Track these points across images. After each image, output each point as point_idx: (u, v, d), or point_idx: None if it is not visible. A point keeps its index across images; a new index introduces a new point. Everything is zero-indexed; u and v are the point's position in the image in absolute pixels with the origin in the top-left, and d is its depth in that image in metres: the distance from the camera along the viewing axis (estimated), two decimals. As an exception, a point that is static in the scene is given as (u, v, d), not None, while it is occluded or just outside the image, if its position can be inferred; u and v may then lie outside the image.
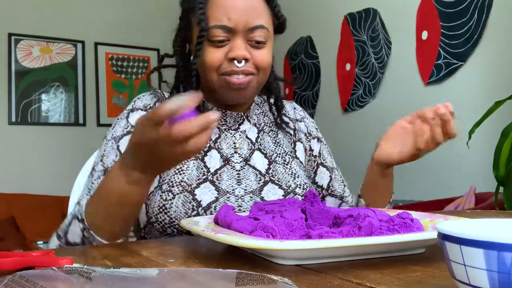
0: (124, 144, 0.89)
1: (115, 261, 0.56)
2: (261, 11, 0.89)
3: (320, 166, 1.06)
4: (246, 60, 0.88)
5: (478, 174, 2.29)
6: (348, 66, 3.19)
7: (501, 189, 1.75)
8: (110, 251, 0.63)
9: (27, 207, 3.47)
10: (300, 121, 1.09)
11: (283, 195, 0.92)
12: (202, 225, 0.64)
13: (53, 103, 3.93)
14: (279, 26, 0.96)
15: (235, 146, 0.96)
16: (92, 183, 0.87)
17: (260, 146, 0.98)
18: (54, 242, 0.80)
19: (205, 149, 0.93)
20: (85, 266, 0.40)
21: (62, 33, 3.95)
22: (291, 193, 0.93)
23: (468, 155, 2.25)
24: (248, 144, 0.97)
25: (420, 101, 2.65)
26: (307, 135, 1.08)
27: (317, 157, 1.06)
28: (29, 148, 3.78)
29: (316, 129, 1.12)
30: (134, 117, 0.94)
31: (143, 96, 0.99)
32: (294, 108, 1.11)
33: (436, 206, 2.23)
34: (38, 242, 3.04)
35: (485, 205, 1.95)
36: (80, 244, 0.76)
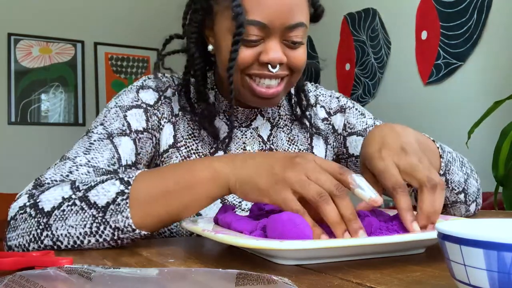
0: (132, 116, 0.82)
1: (115, 261, 0.56)
2: (300, 4, 0.77)
3: (348, 138, 0.96)
4: (281, 63, 0.77)
5: (477, 174, 2.29)
6: (347, 66, 3.19)
7: (501, 189, 1.75)
8: (110, 251, 0.63)
9: (26, 207, 3.47)
10: (315, 106, 0.98)
11: None
12: (202, 225, 0.64)
13: (52, 103, 3.92)
14: (316, 16, 0.85)
15: (244, 147, 0.88)
16: (91, 143, 0.76)
17: (272, 145, 0.90)
18: (59, 191, 0.65)
19: (211, 150, 0.86)
20: (85, 266, 0.40)
21: (62, 33, 3.95)
22: None
23: (467, 155, 2.25)
24: (259, 144, 0.90)
25: (419, 101, 2.65)
26: (327, 116, 0.98)
27: (342, 131, 0.97)
28: (29, 148, 3.78)
29: (337, 98, 1.00)
30: (145, 95, 0.86)
31: (153, 77, 0.89)
32: (308, 91, 1.00)
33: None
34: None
35: (484, 205, 1.95)
36: (97, 208, 0.62)
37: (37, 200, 0.65)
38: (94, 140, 0.77)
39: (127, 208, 0.62)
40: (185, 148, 0.85)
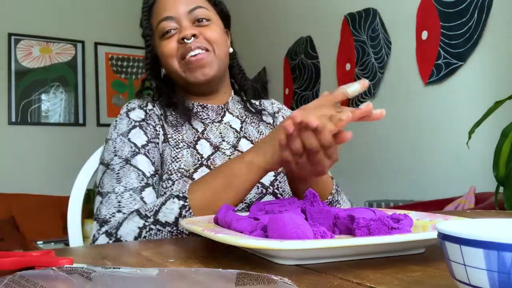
0: (134, 136, 0.94)
1: (115, 261, 0.56)
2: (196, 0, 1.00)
3: None
4: (195, 35, 0.96)
5: (478, 174, 2.29)
6: (348, 66, 3.19)
7: (501, 189, 1.75)
8: (110, 251, 0.63)
9: (27, 207, 3.47)
10: (278, 113, 1.14)
11: (274, 175, 0.97)
12: (202, 225, 0.64)
13: (53, 103, 3.93)
14: (221, 13, 1.05)
15: (221, 136, 1.01)
16: (118, 173, 0.88)
17: (245, 134, 1.04)
18: (132, 224, 0.78)
19: (195, 139, 0.98)
20: (85, 266, 0.40)
21: (62, 33, 3.95)
22: (281, 173, 0.97)
23: (468, 155, 2.25)
24: (234, 133, 1.03)
25: (420, 101, 2.65)
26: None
27: None
28: (29, 148, 3.78)
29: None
30: (134, 114, 0.98)
31: (132, 100, 1.04)
32: (272, 103, 1.17)
33: (436, 206, 2.23)
34: (38, 242, 3.04)
35: (485, 205, 1.95)
36: (170, 224, 0.77)
37: (118, 237, 0.79)
38: (118, 170, 0.89)
39: (192, 217, 0.76)
40: (173, 140, 0.97)
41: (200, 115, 1.04)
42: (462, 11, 2.40)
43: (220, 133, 1.02)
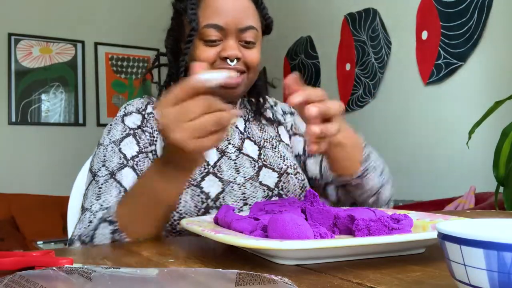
0: (125, 146, 0.92)
1: (115, 261, 0.56)
2: (250, 13, 0.93)
3: (293, 137, 1.09)
4: (238, 59, 0.92)
5: (478, 174, 2.29)
6: (348, 66, 3.19)
7: (501, 189, 1.75)
8: (110, 251, 0.63)
9: (27, 207, 3.47)
10: (275, 106, 1.13)
11: (277, 177, 0.96)
12: (202, 225, 0.64)
13: (53, 103, 3.93)
14: (267, 27, 1.01)
15: (227, 139, 1.00)
16: (100, 187, 0.87)
17: (248, 135, 1.03)
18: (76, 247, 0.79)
19: None
20: (85, 266, 0.40)
21: (62, 33, 3.95)
22: (284, 174, 0.97)
23: (468, 155, 2.25)
24: (238, 134, 1.02)
25: (420, 101, 2.65)
26: (283, 114, 1.12)
27: (290, 129, 1.10)
28: (29, 148, 3.78)
29: (289, 106, 1.15)
30: (130, 120, 0.96)
31: (132, 101, 1.01)
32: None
33: (436, 206, 2.23)
34: (38, 242, 3.04)
35: (485, 205, 1.95)
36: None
37: None
38: (102, 184, 0.87)
39: (126, 239, 0.75)
40: None
41: None
42: (462, 11, 2.40)
43: (226, 135, 1.00)
